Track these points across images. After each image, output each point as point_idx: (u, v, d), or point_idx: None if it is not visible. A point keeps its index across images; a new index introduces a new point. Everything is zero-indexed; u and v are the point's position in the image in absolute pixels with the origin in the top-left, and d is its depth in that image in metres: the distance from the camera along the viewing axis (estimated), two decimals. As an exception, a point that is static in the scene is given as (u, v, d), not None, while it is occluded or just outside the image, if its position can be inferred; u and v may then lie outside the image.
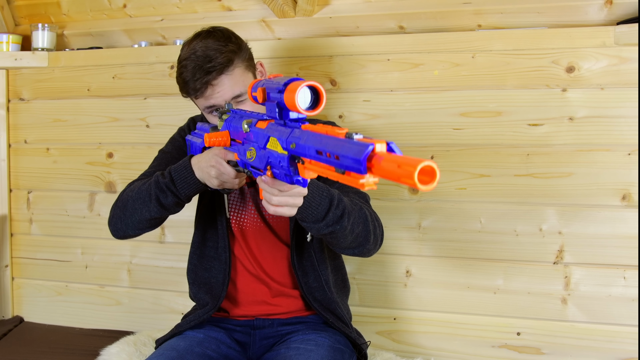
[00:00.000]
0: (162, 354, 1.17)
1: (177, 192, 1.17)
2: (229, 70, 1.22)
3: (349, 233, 1.11)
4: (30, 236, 2.00)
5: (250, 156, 1.00)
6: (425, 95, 1.63)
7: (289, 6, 1.70)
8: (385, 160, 0.66)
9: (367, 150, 0.67)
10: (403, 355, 1.58)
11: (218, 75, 1.21)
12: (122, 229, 1.28)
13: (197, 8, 1.85)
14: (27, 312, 2.01)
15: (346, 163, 0.70)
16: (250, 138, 1.00)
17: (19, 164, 2.00)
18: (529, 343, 1.57)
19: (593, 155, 1.51)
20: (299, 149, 0.82)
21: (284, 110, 0.89)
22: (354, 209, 1.12)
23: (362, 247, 1.16)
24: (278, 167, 0.90)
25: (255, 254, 1.33)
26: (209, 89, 1.22)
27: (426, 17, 1.66)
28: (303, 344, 1.21)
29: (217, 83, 1.21)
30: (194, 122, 1.43)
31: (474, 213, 1.60)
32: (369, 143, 0.67)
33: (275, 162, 0.91)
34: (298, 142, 0.83)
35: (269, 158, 0.93)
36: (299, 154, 0.83)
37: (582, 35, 1.50)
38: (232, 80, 1.23)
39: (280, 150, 0.89)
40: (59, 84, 1.95)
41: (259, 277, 1.32)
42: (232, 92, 1.22)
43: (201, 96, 1.23)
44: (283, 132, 0.88)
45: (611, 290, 1.51)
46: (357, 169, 0.68)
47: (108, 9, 1.93)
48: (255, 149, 0.98)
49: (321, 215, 1.05)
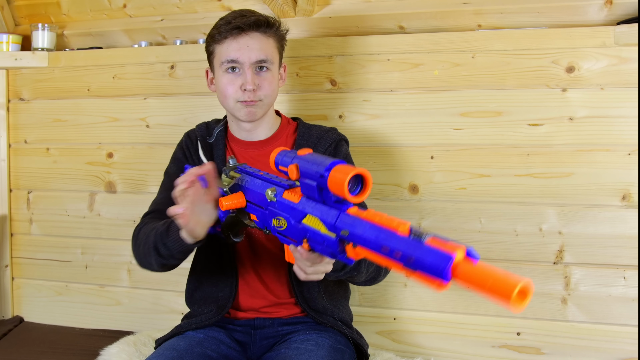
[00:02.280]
0: (162, 354, 1.17)
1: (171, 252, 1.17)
2: (267, 32, 1.25)
3: (364, 274, 1.16)
4: (30, 236, 2.00)
5: (279, 225, 0.96)
6: (425, 95, 1.63)
7: (289, 6, 1.70)
8: (474, 272, 0.64)
9: (449, 263, 0.65)
10: (403, 355, 1.58)
11: (256, 29, 1.24)
12: (146, 266, 1.28)
13: (197, 8, 1.85)
14: (27, 312, 2.01)
15: (424, 269, 0.68)
16: (276, 207, 0.97)
17: (19, 164, 2.00)
18: (529, 343, 1.57)
19: (593, 155, 1.51)
20: (354, 237, 0.79)
21: (325, 191, 0.85)
22: None
23: (374, 280, 1.23)
24: (320, 244, 0.87)
25: (257, 267, 1.33)
26: (242, 36, 1.23)
27: (426, 17, 1.66)
28: (303, 344, 1.21)
29: (251, 35, 1.24)
30: (189, 138, 1.40)
31: (474, 213, 1.59)
32: (449, 254, 0.65)
33: (317, 239, 0.87)
34: (352, 230, 0.80)
35: (308, 234, 0.89)
36: (352, 241, 0.80)
37: (582, 35, 1.50)
38: (265, 43, 1.25)
39: (325, 230, 0.85)
40: (59, 84, 1.95)
41: (258, 291, 1.32)
42: (259, 54, 1.24)
43: (231, 39, 1.24)
44: (327, 214, 0.84)
45: (611, 290, 1.51)
46: (439, 277, 0.66)
47: (108, 9, 1.93)
48: (286, 219, 0.94)
49: (340, 266, 1.08)
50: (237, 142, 1.37)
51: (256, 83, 1.25)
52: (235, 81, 1.26)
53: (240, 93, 1.26)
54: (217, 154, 1.36)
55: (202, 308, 1.34)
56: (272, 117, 1.37)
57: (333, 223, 0.83)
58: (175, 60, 1.83)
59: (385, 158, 1.65)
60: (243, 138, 1.36)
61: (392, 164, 1.65)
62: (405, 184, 1.64)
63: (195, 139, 1.39)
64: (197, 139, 1.39)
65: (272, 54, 1.28)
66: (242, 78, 1.25)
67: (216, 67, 1.30)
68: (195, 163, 1.36)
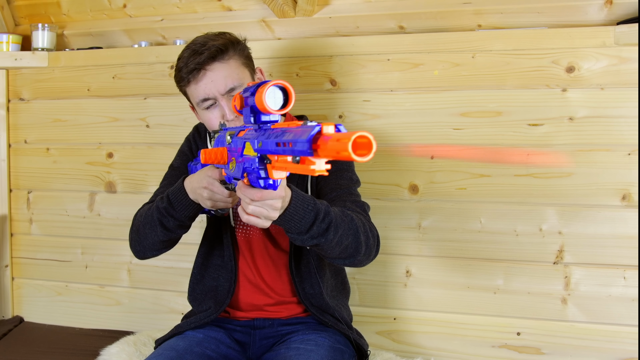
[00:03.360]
0: (162, 354, 1.17)
1: (177, 215, 1.17)
2: (224, 58, 1.22)
3: (336, 245, 1.09)
4: (30, 236, 2.00)
5: (231, 167, 0.99)
6: (425, 95, 1.63)
7: (289, 6, 1.70)
8: (330, 139, 0.66)
9: (312, 132, 0.67)
10: (403, 355, 1.58)
11: (212, 61, 1.21)
12: (141, 251, 1.29)
13: (197, 8, 1.85)
14: (27, 312, 2.01)
15: (298, 148, 0.70)
16: (232, 149, 1.00)
17: (19, 164, 2.00)
18: (529, 343, 1.57)
19: (593, 155, 1.51)
20: (264, 146, 0.82)
21: (258, 115, 0.89)
22: (344, 221, 1.10)
23: (352, 258, 1.14)
24: (251, 171, 0.90)
25: (257, 264, 1.33)
26: (202, 74, 1.21)
27: (426, 17, 1.65)
28: (303, 344, 1.21)
29: (210, 69, 1.21)
30: (198, 131, 1.42)
31: (474, 213, 1.60)
32: (316, 124, 0.69)
33: (249, 167, 0.90)
34: (263, 139, 0.83)
35: (244, 164, 0.92)
36: (264, 151, 0.83)
37: (582, 35, 1.50)
38: (227, 70, 1.22)
39: (253, 153, 0.88)
40: (59, 84, 1.95)
41: (259, 287, 1.32)
42: (226, 83, 1.22)
43: (194, 82, 1.22)
44: (255, 135, 0.88)
45: (611, 290, 1.51)
46: (305, 151, 0.68)
47: (108, 9, 1.93)
48: (235, 158, 0.97)
49: (305, 227, 1.03)
50: None
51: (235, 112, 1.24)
52: (216, 113, 1.25)
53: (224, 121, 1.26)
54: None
55: (201, 306, 1.34)
56: None
57: (255, 139, 0.86)
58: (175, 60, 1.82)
59: (385, 158, 1.65)
60: None
61: (392, 164, 1.65)
62: (405, 184, 1.64)
63: (204, 131, 1.40)
64: (206, 130, 1.39)
65: (240, 75, 1.24)
66: (221, 110, 1.24)
67: (194, 105, 1.29)
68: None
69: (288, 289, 1.32)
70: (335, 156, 0.64)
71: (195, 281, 1.38)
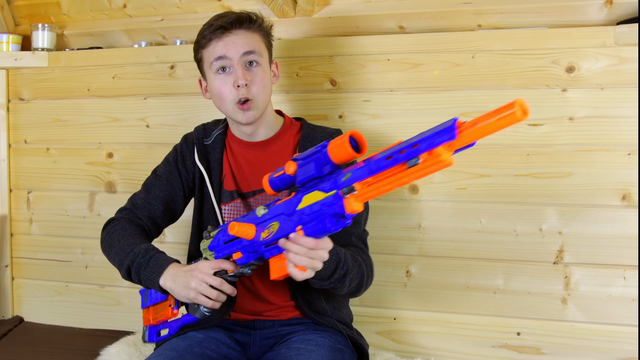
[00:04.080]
0: (162, 354, 1.17)
1: (142, 277, 1.23)
2: (250, 28, 1.26)
3: (346, 288, 1.17)
4: (30, 236, 2.00)
5: (269, 233, 1.01)
6: (425, 95, 1.63)
7: (289, 6, 1.70)
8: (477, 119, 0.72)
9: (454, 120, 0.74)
10: (403, 355, 1.58)
11: (238, 26, 1.25)
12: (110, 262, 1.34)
13: (197, 8, 1.85)
14: (27, 312, 2.01)
15: (434, 141, 0.75)
16: (267, 218, 1.03)
17: (19, 164, 2.00)
18: (529, 343, 1.57)
19: (593, 155, 1.51)
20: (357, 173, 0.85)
21: (323, 167, 0.94)
22: (354, 267, 1.16)
23: (353, 295, 1.25)
24: (317, 214, 0.92)
25: (254, 280, 1.31)
26: (225, 34, 1.24)
27: (426, 17, 1.65)
28: (303, 344, 1.21)
29: (234, 32, 1.24)
30: (186, 142, 1.41)
31: (474, 213, 1.59)
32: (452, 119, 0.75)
33: (314, 210, 0.93)
34: (353, 170, 0.87)
35: (302, 216, 0.95)
36: (356, 179, 0.86)
37: (582, 35, 1.50)
38: (250, 38, 1.25)
39: (323, 195, 0.91)
40: (59, 84, 1.95)
41: (257, 294, 1.31)
42: (246, 46, 1.24)
43: (215, 40, 1.24)
44: (327, 181, 0.92)
45: (611, 290, 1.51)
46: (449, 136, 0.74)
47: (108, 9, 1.93)
48: (277, 220, 1.00)
49: (327, 274, 1.09)
50: (239, 143, 1.37)
51: (248, 78, 1.25)
52: (228, 80, 1.26)
53: (235, 92, 1.25)
54: (213, 158, 1.35)
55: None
56: (272, 117, 1.36)
57: (334, 179, 0.90)
58: (175, 60, 1.83)
59: (385, 158, 1.65)
60: (244, 138, 1.36)
61: (392, 164, 1.65)
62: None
63: (192, 143, 1.39)
64: (193, 143, 1.38)
65: (260, 47, 1.28)
66: (234, 75, 1.25)
67: (207, 71, 1.30)
68: (189, 167, 1.37)
69: (287, 297, 1.31)
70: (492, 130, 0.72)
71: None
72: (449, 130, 0.73)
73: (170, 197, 1.37)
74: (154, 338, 1.25)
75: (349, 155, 0.90)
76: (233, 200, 1.32)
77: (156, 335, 1.25)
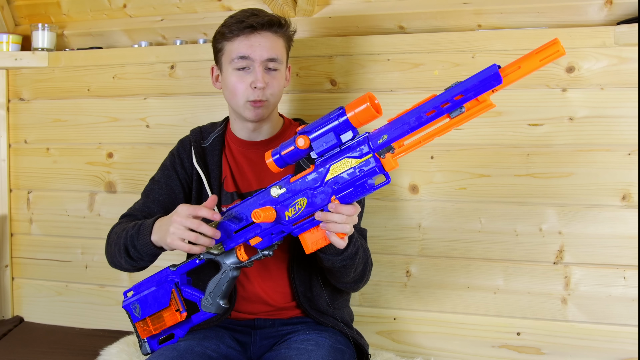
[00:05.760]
0: (162, 354, 1.17)
1: (139, 247, 1.20)
2: (278, 32, 1.26)
3: (354, 270, 1.17)
4: (30, 236, 2.00)
5: (296, 210, 1.02)
6: (425, 95, 1.61)
7: (289, 6, 1.70)
8: (519, 60, 0.81)
9: (495, 65, 0.83)
10: (403, 355, 1.58)
11: (268, 28, 1.25)
12: (117, 266, 1.32)
13: (197, 8, 1.85)
14: (27, 312, 2.01)
15: (481, 89, 0.83)
16: (287, 196, 1.03)
17: (19, 164, 2.00)
18: (529, 343, 1.57)
19: (593, 155, 1.51)
20: (395, 132, 0.90)
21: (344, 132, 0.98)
22: (361, 248, 1.18)
23: (356, 283, 1.25)
24: (353, 179, 0.94)
25: (254, 281, 1.31)
26: (254, 34, 1.23)
27: (426, 17, 1.65)
28: (304, 344, 1.21)
29: (263, 34, 1.24)
30: (182, 145, 1.41)
31: (474, 213, 1.59)
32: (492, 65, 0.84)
33: (349, 177, 0.95)
34: (388, 130, 0.90)
35: (335, 185, 0.97)
36: (395, 139, 0.90)
37: (582, 35, 1.50)
38: (275, 42, 1.26)
39: (356, 162, 0.93)
40: (59, 84, 1.95)
41: (258, 296, 1.31)
42: (270, 52, 1.25)
43: (243, 37, 1.23)
44: (354, 146, 0.95)
45: (611, 290, 1.51)
46: (496, 81, 0.82)
47: (108, 9, 1.93)
48: (305, 196, 1.01)
49: (341, 249, 1.08)
50: (238, 142, 1.37)
51: (266, 81, 1.25)
52: (245, 79, 1.26)
53: (250, 91, 1.26)
54: (211, 160, 1.35)
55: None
56: (276, 117, 1.37)
57: (367, 143, 0.93)
58: (175, 60, 1.83)
59: (385, 158, 1.65)
60: (245, 138, 1.36)
61: (392, 164, 1.65)
62: (405, 184, 1.64)
63: (189, 145, 1.39)
64: (190, 145, 1.38)
65: (282, 54, 1.28)
66: (252, 76, 1.25)
67: (224, 65, 1.29)
68: (187, 169, 1.37)
69: (288, 295, 1.32)
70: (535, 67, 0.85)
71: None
72: (494, 77, 0.80)
73: (170, 200, 1.36)
74: (156, 346, 1.23)
75: (372, 117, 0.94)
76: (233, 201, 1.32)
77: (157, 343, 1.24)
